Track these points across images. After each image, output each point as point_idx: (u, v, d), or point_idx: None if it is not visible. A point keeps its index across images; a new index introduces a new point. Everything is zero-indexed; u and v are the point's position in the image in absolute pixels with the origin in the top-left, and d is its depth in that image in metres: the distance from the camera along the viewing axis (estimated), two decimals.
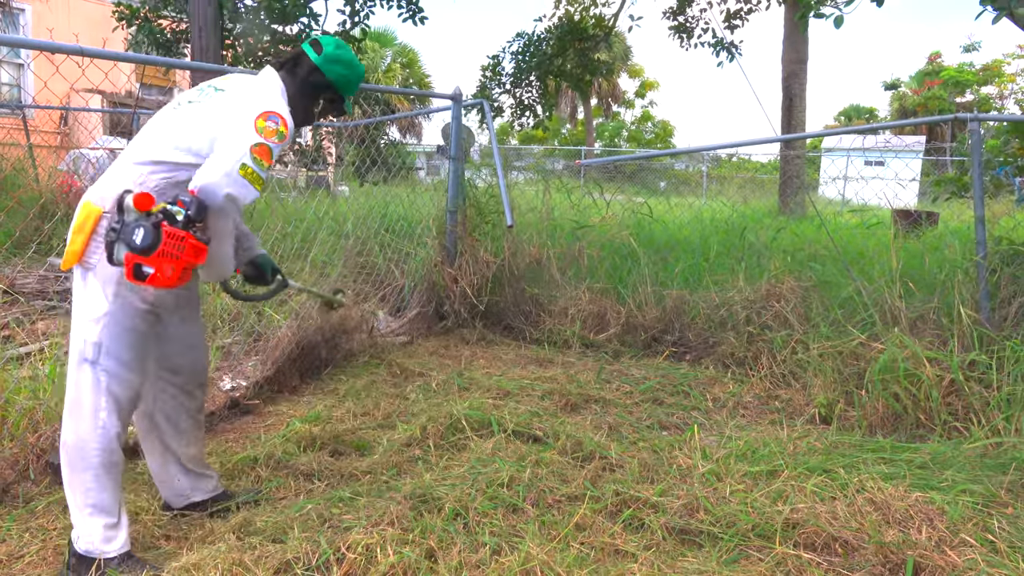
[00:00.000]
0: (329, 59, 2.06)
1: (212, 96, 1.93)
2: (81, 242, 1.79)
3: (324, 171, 8.84)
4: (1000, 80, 27.19)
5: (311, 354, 3.42)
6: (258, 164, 1.79)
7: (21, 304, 3.98)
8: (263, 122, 1.83)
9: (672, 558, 1.93)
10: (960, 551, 1.92)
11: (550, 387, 3.33)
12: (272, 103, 1.90)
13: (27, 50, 3.46)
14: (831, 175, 14.96)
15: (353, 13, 7.59)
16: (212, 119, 1.87)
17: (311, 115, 2.16)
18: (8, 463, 2.23)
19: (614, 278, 4.62)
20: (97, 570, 1.77)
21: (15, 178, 6.62)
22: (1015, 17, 3.45)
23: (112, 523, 1.81)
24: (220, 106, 1.89)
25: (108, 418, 1.80)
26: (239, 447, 2.61)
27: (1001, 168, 4.10)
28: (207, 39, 5.24)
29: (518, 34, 11.12)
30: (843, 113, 34.25)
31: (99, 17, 12.67)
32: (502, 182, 4.45)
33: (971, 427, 2.77)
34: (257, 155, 1.79)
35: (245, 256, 2.15)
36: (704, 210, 7.15)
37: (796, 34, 10.94)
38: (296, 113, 2.01)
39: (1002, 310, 3.30)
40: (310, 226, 4.23)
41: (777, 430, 2.85)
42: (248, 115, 1.84)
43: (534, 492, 2.20)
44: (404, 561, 1.80)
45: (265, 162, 1.81)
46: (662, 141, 35.43)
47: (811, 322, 3.67)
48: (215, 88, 1.97)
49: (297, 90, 2.06)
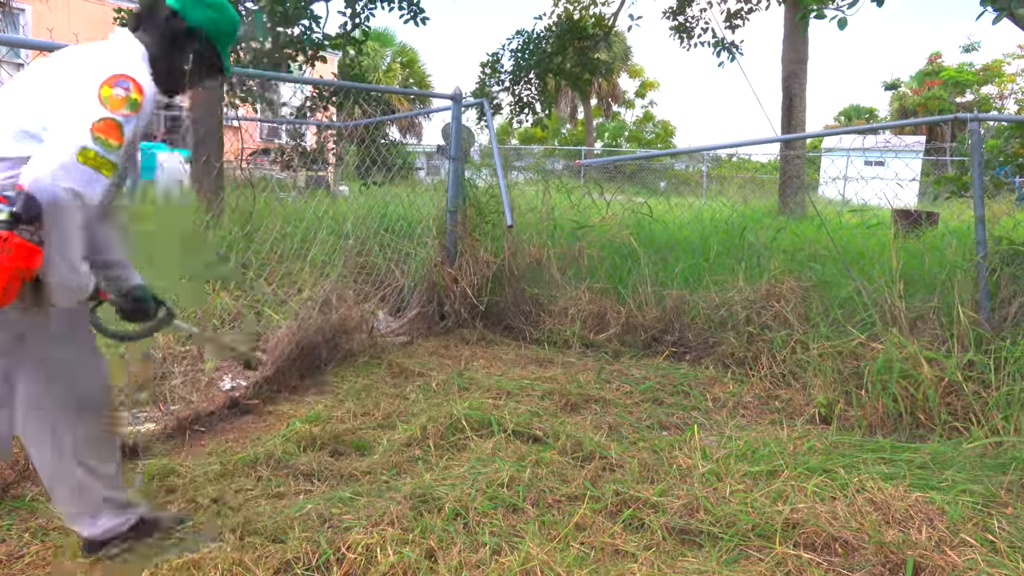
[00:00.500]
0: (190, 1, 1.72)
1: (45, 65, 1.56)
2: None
3: (324, 171, 8.84)
4: (1000, 80, 27.18)
5: (311, 354, 3.42)
6: (103, 145, 1.45)
7: None
8: (109, 90, 1.49)
9: (672, 558, 1.93)
10: (960, 551, 1.92)
11: (550, 387, 3.33)
12: (121, 65, 1.54)
13: (27, 50, 3.46)
14: (831, 175, 14.96)
15: (354, 15, 7.59)
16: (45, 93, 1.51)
17: (181, 76, 1.75)
18: (8, 463, 2.23)
19: (614, 278, 4.63)
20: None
21: None
22: (1015, 17, 3.45)
23: None
24: (55, 75, 1.54)
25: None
26: (239, 447, 2.61)
27: (1001, 168, 4.10)
28: None
29: (517, 32, 11.11)
30: (843, 113, 34.25)
31: (99, 17, 12.67)
32: (502, 182, 4.45)
33: (971, 427, 2.78)
34: (101, 133, 1.45)
35: (117, 285, 1.79)
36: (704, 210, 7.15)
37: (796, 34, 10.95)
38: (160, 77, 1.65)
39: (1002, 310, 3.30)
40: (309, 226, 4.22)
41: (777, 430, 2.85)
42: (89, 84, 1.48)
43: (534, 492, 2.20)
44: (404, 561, 1.80)
45: (113, 141, 1.47)
46: (663, 141, 35.43)
47: (811, 322, 3.67)
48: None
49: (158, 48, 1.69)
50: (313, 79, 5.25)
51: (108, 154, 1.46)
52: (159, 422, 2.75)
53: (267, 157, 10.87)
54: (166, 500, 2.18)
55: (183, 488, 2.24)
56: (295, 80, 8.27)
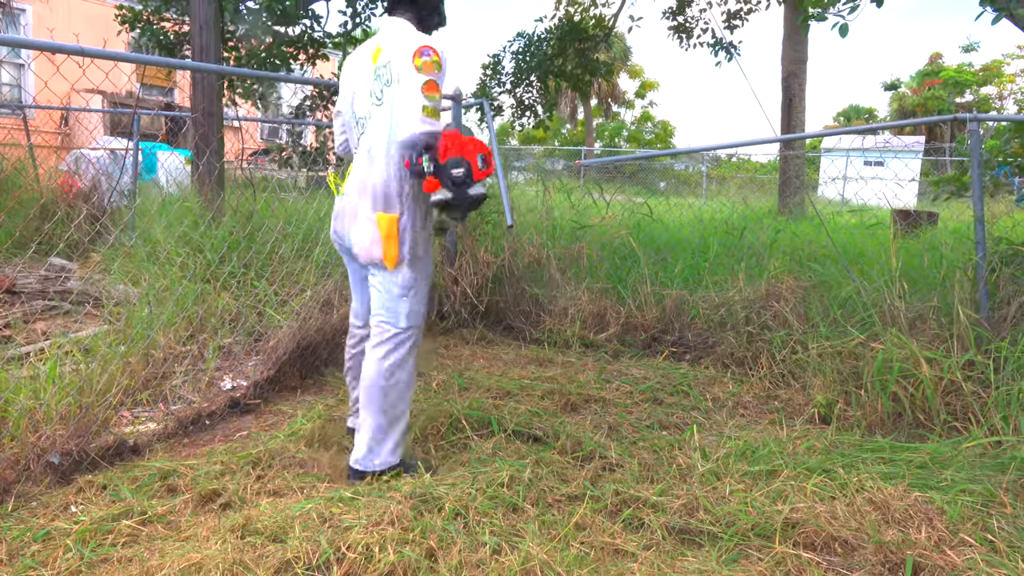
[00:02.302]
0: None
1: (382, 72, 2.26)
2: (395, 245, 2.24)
3: (325, 171, 8.84)
4: (999, 80, 27.19)
5: (312, 354, 3.43)
6: (431, 100, 2.12)
7: (21, 304, 3.98)
8: (419, 60, 2.14)
9: (672, 558, 1.93)
10: (959, 551, 1.92)
11: (550, 387, 3.33)
12: (417, 39, 2.20)
13: (28, 50, 3.46)
14: (831, 175, 14.97)
15: (355, 14, 7.60)
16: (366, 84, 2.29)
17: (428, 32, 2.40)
18: (8, 463, 2.23)
19: (614, 278, 4.63)
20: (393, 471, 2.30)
21: (16, 178, 6.63)
22: (1015, 18, 3.46)
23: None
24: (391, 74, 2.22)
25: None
26: (240, 446, 2.61)
27: (1000, 168, 4.11)
28: (207, 37, 5.24)
29: (518, 34, 11.13)
30: (842, 113, 34.28)
31: (100, 17, 12.67)
32: (502, 182, 4.45)
33: (970, 427, 2.78)
34: (427, 91, 2.12)
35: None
36: (704, 210, 7.16)
37: (796, 34, 10.95)
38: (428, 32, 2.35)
39: (1001, 310, 3.31)
40: (311, 226, 4.23)
41: (776, 430, 2.85)
42: (408, 66, 2.15)
43: (534, 492, 2.20)
44: (404, 560, 1.80)
45: (436, 94, 2.14)
46: (662, 141, 35.44)
47: (810, 322, 3.68)
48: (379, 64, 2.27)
49: (417, 17, 2.36)
50: (313, 79, 5.25)
51: (435, 104, 2.13)
52: (160, 422, 2.75)
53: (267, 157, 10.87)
54: (166, 500, 2.19)
55: (184, 488, 2.24)
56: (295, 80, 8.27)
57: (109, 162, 7.14)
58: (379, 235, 2.25)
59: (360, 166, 2.33)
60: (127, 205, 5.64)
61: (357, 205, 2.32)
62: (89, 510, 2.08)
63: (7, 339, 3.43)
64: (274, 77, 6.06)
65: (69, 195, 6.18)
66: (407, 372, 2.34)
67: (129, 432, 2.63)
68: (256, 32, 7.11)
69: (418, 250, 2.30)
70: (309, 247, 4.09)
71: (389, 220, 2.24)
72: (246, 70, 5.49)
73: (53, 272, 4.51)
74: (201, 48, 5.24)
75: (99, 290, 4.09)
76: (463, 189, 2.12)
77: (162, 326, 3.12)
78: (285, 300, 3.65)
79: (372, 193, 2.27)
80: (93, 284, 4.18)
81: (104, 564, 1.84)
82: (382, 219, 2.25)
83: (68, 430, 2.36)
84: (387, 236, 2.24)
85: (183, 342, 3.26)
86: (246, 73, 5.36)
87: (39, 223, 5.14)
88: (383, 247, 2.25)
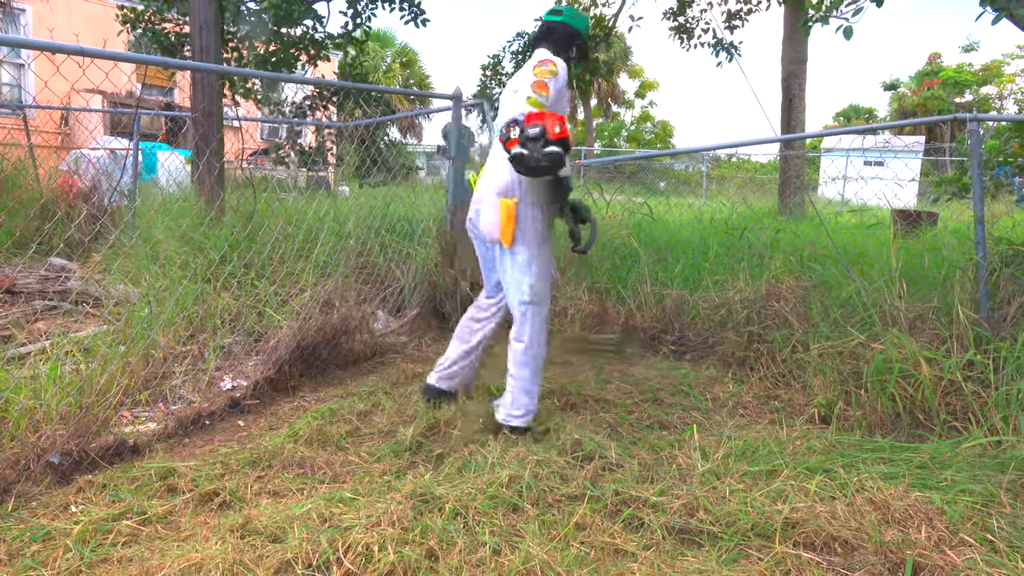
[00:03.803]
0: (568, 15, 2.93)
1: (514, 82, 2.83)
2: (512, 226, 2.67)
3: (324, 171, 8.84)
4: (999, 80, 27.19)
5: (312, 354, 3.42)
6: (539, 94, 2.60)
7: (21, 304, 3.98)
8: (538, 68, 2.68)
9: (672, 557, 1.93)
10: (959, 551, 1.92)
11: (550, 387, 3.33)
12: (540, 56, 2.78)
13: (28, 50, 3.46)
14: (831, 175, 14.97)
15: (355, 15, 7.59)
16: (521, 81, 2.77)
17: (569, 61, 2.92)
18: (8, 463, 2.23)
19: (614, 278, 4.63)
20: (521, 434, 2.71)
21: (16, 178, 6.63)
22: (1015, 18, 3.46)
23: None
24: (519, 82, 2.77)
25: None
26: (240, 447, 2.61)
27: (1000, 168, 4.10)
28: (207, 38, 5.24)
29: (518, 34, 11.11)
30: (842, 113, 34.27)
31: (100, 17, 12.68)
32: None
33: (970, 427, 2.78)
34: (537, 89, 2.61)
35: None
36: (704, 210, 7.16)
37: (796, 34, 10.94)
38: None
39: (1001, 310, 3.31)
40: (311, 226, 4.23)
41: (777, 430, 2.85)
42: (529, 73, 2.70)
43: (534, 492, 2.20)
44: (404, 561, 1.80)
45: (543, 92, 2.61)
46: (662, 141, 35.43)
47: (811, 322, 3.68)
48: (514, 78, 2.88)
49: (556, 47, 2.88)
50: (314, 79, 5.25)
51: (541, 98, 2.60)
52: (160, 422, 2.75)
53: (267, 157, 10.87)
54: (166, 500, 2.19)
55: (184, 488, 2.24)
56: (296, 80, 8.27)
57: (109, 162, 7.14)
58: (500, 217, 2.68)
59: (488, 161, 2.85)
60: (127, 205, 5.64)
61: (484, 194, 2.78)
62: (89, 510, 2.09)
63: (7, 339, 3.43)
64: (274, 77, 6.06)
65: (69, 195, 6.18)
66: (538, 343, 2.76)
67: (129, 432, 2.63)
68: (257, 33, 7.10)
69: (534, 232, 2.70)
70: (309, 247, 4.09)
71: (509, 204, 2.67)
72: (246, 70, 5.48)
73: (53, 272, 4.51)
74: (201, 48, 5.24)
75: (99, 290, 4.09)
76: (537, 145, 2.45)
77: (162, 326, 3.12)
78: (285, 300, 3.64)
79: (495, 182, 2.73)
80: (93, 284, 4.18)
81: (104, 564, 1.84)
82: (503, 204, 2.68)
83: (68, 430, 2.36)
84: (507, 218, 2.67)
85: (183, 342, 3.26)
86: (246, 73, 5.36)
87: (39, 223, 5.13)
88: (501, 227, 2.68)
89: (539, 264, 2.73)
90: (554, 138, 2.46)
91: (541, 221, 2.73)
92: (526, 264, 2.71)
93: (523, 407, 2.76)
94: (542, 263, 2.74)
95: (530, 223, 2.70)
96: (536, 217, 2.71)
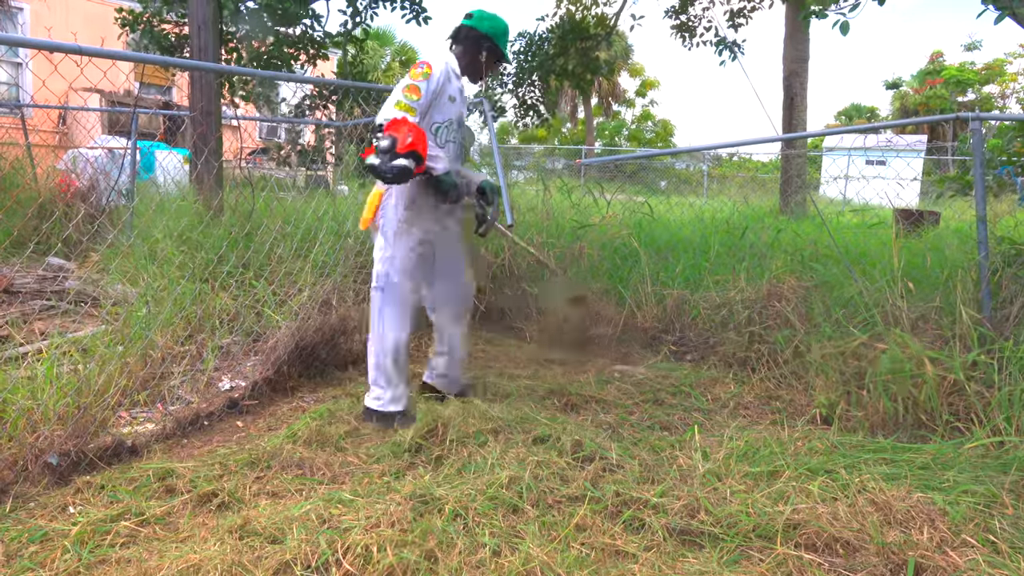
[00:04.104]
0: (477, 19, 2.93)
1: None
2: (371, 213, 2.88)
3: (323, 171, 8.83)
4: (1002, 79, 27.16)
5: (310, 354, 3.41)
6: (408, 97, 2.68)
7: (19, 304, 3.97)
8: (413, 71, 2.77)
9: (673, 559, 1.92)
10: (962, 552, 1.91)
11: (550, 387, 3.32)
12: (425, 58, 2.81)
13: (25, 49, 3.45)
14: (832, 174, 14.94)
15: (355, 13, 7.58)
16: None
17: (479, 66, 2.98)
18: (6, 464, 2.22)
19: (614, 278, 4.62)
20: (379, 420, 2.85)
21: (14, 177, 6.62)
22: (1017, 17, 3.44)
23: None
24: None
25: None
26: (238, 447, 2.60)
27: (1003, 167, 4.09)
28: (206, 37, 5.22)
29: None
30: (844, 112, 34.25)
31: (98, 16, 12.66)
32: (503, 181, 4.43)
33: (973, 427, 2.77)
34: (407, 92, 2.69)
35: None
36: (705, 209, 7.15)
37: (797, 33, 10.93)
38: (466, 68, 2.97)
39: (1003, 310, 3.29)
40: (310, 226, 4.21)
41: (778, 430, 2.84)
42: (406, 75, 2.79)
43: (534, 493, 2.19)
44: (403, 562, 1.79)
45: (414, 96, 2.69)
46: (663, 140, 35.41)
47: (812, 322, 3.66)
48: None
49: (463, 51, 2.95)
50: (313, 78, 5.24)
51: (410, 102, 2.68)
52: (158, 422, 2.74)
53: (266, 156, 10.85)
54: (164, 501, 2.18)
55: (182, 488, 2.23)
56: (295, 79, 8.25)
57: (107, 161, 7.12)
58: (366, 203, 2.88)
59: None
60: (125, 204, 5.63)
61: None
62: (87, 511, 2.07)
63: (5, 339, 3.42)
64: (274, 76, 6.04)
65: (67, 194, 6.16)
66: (380, 331, 2.90)
67: (127, 433, 2.62)
68: (256, 33, 7.09)
69: (393, 225, 2.84)
70: (308, 247, 4.07)
71: (377, 193, 2.87)
72: (244, 69, 5.46)
73: (51, 272, 4.50)
74: (200, 48, 5.22)
75: (97, 290, 4.07)
76: (387, 157, 2.55)
77: (160, 326, 3.11)
78: (284, 300, 3.63)
79: None
80: (91, 284, 4.17)
81: (102, 565, 1.83)
82: (375, 192, 2.88)
83: (66, 431, 2.35)
84: (369, 205, 2.88)
85: (181, 342, 3.24)
86: (245, 72, 5.35)
87: (37, 222, 5.12)
88: (364, 213, 2.89)
89: (398, 256, 2.83)
90: (403, 151, 2.54)
91: (406, 219, 2.83)
92: (380, 251, 2.87)
93: (379, 396, 2.88)
94: (401, 256, 2.83)
95: (391, 215, 2.83)
96: (399, 212, 2.83)
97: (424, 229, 2.89)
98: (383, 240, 2.86)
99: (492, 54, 2.97)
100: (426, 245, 2.91)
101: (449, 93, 2.86)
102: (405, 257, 2.85)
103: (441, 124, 2.88)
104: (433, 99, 2.77)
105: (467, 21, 2.95)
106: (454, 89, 2.90)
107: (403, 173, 2.57)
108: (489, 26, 2.93)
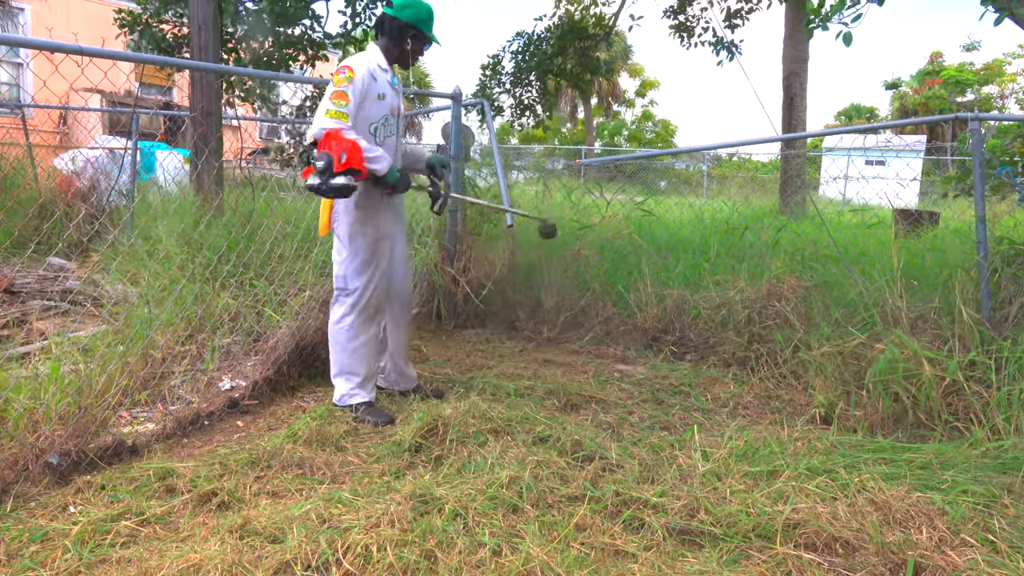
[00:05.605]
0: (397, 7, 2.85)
1: None
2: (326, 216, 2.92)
3: None
4: (1001, 79, 27.16)
5: (311, 354, 3.41)
6: (337, 104, 2.66)
7: (20, 304, 3.97)
8: (336, 76, 2.72)
9: (672, 558, 1.92)
10: (961, 551, 1.91)
11: (550, 387, 3.32)
12: (345, 62, 2.76)
13: (26, 49, 3.45)
14: (832, 175, 14.94)
15: (354, 14, 7.58)
16: None
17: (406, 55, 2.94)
18: (7, 463, 2.22)
19: (614, 278, 4.62)
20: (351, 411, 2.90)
21: (14, 177, 6.62)
22: (1016, 17, 3.44)
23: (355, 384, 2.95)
24: None
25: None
26: (238, 447, 2.60)
27: (1002, 168, 4.09)
28: (206, 37, 5.23)
29: (518, 33, 11.11)
30: (844, 112, 34.25)
31: (98, 16, 12.66)
32: (502, 182, 4.44)
33: (972, 427, 2.77)
34: (335, 99, 2.66)
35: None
36: (705, 210, 7.15)
37: (797, 33, 10.93)
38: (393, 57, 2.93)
39: (1003, 310, 3.30)
40: (310, 225, 4.22)
41: (778, 430, 2.84)
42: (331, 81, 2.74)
43: (534, 492, 2.19)
44: (404, 562, 1.79)
45: (342, 101, 2.66)
46: (663, 140, 35.41)
47: (812, 322, 3.67)
48: None
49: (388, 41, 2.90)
50: (313, 79, 5.24)
51: (340, 108, 2.66)
52: (159, 422, 2.74)
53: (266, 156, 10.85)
54: (165, 501, 2.18)
55: (182, 488, 2.23)
56: (295, 80, 8.25)
57: (107, 161, 7.12)
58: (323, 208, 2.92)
59: None
60: (126, 204, 5.63)
61: None
62: (87, 511, 2.08)
63: (6, 339, 3.42)
64: (274, 76, 6.04)
65: (68, 194, 6.17)
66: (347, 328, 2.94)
67: (128, 432, 2.62)
68: (256, 33, 7.09)
69: (346, 227, 2.88)
70: (308, 247, 4.08)
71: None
72: (245, 69, 5.47)
73: (52, 272, 4.50)
74: (200, 48, 5.23)
75: (98, 290, 4.08)
76: (325, 177, 2.58)
77: (161, 326, 3.11)
78: (284, 300, 3.64)
79: None
80: (92, 284, 4.17)
81: (102, 565, 1.83)
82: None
83: (67, 430, 2.35)
84: (323, 208, 2.92)
85: (182, 342, 3.25)
86: (244, 72, 5.35)
87: (38, 222, 5.13)
88: (322, 218, 2.93)
89: (355, 258, 2.89)
90: (339, 169, 2.56)
91: (359, 220, 2.87)
92: (337, 253, 2.95)
93: (341, 392, 2.96)
94: (357, 257, 2.89)
95: (343, 217, 2.88)
96: (351, 214, 2.86)
97: (376, 226, 2.92)
98: (338, 243, 2.92)
99: (417, 40, 2.92)
100: (382, 242, 2.95)
101: (377, 92, 2.82)
102: (362, 257, 2.90)
103: (377, 122, 2.86)
104: (361, 101, 2.75)
105: (389, 10, 2.87)
106: (382, 86, 2.85)
107: (344, 190, 2.61)
108: (411, 14, 2.86)
